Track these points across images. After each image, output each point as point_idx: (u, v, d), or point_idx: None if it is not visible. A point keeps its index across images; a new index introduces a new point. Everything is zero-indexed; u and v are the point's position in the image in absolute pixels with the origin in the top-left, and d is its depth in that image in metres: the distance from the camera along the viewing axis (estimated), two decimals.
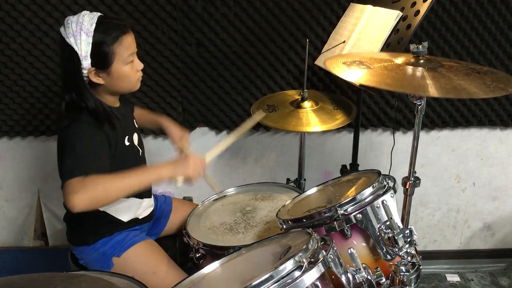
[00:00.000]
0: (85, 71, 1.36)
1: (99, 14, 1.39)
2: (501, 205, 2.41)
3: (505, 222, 2.45)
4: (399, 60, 1.38)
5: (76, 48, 1.33)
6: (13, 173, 2.25)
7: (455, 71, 1.31)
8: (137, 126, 1.64)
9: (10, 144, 2.19)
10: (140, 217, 1.65)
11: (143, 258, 1.55)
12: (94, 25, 1.34)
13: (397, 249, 1.20)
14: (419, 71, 1.29)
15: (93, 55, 1.35)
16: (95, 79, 1.39)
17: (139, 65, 1.47)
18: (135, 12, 1.94)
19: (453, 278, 2.43)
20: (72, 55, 1.34)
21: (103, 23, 1.36)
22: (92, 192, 1.24)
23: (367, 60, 1.42)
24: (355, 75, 1.33)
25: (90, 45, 1.33)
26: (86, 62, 1.35)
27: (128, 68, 1.42)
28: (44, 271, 0.89)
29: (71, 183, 1.25)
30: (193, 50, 2.03)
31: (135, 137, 1.59)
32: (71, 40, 1.33)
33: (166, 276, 1.52)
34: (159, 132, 2.17)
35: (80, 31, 1.32)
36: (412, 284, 1.17)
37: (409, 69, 1.31)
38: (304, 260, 0.95)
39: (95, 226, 1.55)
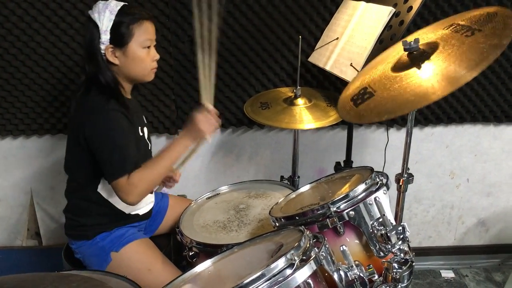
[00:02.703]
0: (103, 47, 1.43)
1: (125, 3, 1.49)
2: (495, 201, 2.42)
3: (499, 218, 2.46)
4: (399, 62, 1.27)
5: (98, 22, 1.42)
6: (5, 172, 2.24)
7: (450, 46, 1.19)
8: (145, 122, 1.69)
9: (1, 144, 2.18)
10: (140, 213, 1.66)
11: (139, 255, 1.57)
12: (119, 7, 1.44)
13: (390, 246, 1.20)
14: (427, 72, 1.17)
15: (113, 31, 1.43)
16: (111, 58, 1.46)
17: (155, 55, 1.54)
18: None
19: (448, 274, 2.44)
20: (93, 29, 1.43)
21: (128, 7, 1.47)
22: (140, 189, 1.43)
23: (373, 83, 1.30)
24: (376, 114, 1.23)
25: (112, 21, 1.42)
26: (105, 37, 1.43)
27: (144, 53, 1.49)
28: (38, 271, 0.88)
29: (120, 183, 1.41)
30: (186, 47, 2.02)
31: (145, 130, 1.64)
32: (95, 16, 1.43)
33: (160, 273, 1.53)
34: (162, 130, 2.17)
35: (105, 9, 1.43)
36: (405, 281, 1.16)
37: (417, 74, 1.19)
38: (295, 257, 0.95)
39: (97, 217, 1.57)
